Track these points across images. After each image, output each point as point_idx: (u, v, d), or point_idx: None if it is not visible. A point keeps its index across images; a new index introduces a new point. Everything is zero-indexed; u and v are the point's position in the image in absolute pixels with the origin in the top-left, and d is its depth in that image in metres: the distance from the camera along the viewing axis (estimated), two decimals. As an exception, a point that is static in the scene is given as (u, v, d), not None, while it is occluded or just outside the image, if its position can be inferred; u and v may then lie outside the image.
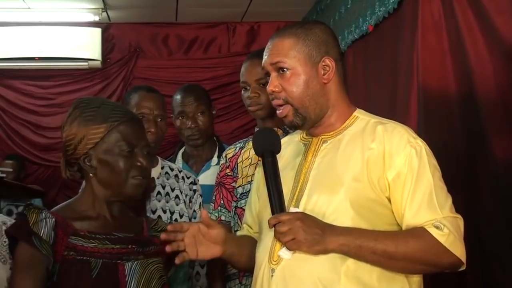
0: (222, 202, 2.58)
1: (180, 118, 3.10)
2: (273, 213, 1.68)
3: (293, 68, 1.77)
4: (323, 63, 1.79)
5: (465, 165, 2.62)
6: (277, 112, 1.82)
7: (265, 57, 1.82)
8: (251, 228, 1.98)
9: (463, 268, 1.70)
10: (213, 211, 2.60)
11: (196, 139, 3.10)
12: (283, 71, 1.77)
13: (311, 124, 1.81)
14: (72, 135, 1.80)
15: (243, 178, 2.52)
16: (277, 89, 1.78)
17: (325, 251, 1.64)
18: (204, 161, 3.12)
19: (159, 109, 2.55)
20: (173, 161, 3.21)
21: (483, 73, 2.52)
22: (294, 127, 1.84)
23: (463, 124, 2.66)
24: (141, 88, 2.66)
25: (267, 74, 1.83)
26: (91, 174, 1.81)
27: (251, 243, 1.90)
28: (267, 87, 1.81)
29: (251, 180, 2.33)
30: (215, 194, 2.63)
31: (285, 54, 1.77)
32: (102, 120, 1.78)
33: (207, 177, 3.03)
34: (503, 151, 2.41)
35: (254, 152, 2.53)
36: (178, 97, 3.14)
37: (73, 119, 1.81)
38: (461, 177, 2.48)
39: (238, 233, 2.03)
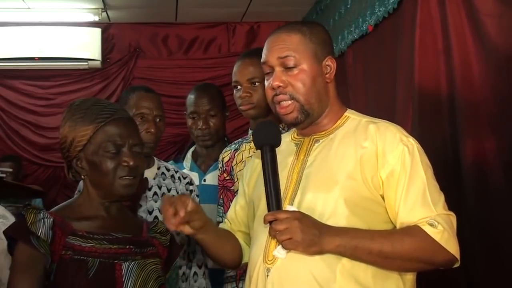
0: (230, 204, 2.59)
1: (192, 117, 3.09)
2: (269, 209, 1.67)
3: (301, 64, 1.76)
4: (326, 63, 1.79)
5: (450, 166, 2.64)
6: (278, 108, 1.79)
7: (268, 51, 1.79)
8: (230, 223, 1.98)
9: (457, 264, 1.71)
10: (223, 214, 2.61)
11: (206, 140, 3.08)
12: (290, 66, 1.76)
13: (312, 121, 1.80)
14: (64, 138, 1.81)
15: (238, 182, 2.52)
16: (282, 84, 1.76)
17: (321, 252, 1.63)
18: (212, 160, 3.10)
19: (158, 109, 2.55)
20: (183, 159, 3.22)
21: (469, 75, 2.55)
22: (295, 124, 1.83)
23: (450, 125, 2.69)
24: (139, 88, 2.65)
25: (270, 69, 1.80)
26: (82, 176, 1.82)
27: (230, 238, 1.90)
28: (270, 81, 1.78)
29: None
30: (222, 197, 2.64)
31: (294, 49, 1.76)
32: (89, 121, 1.78)
33: (215, 177, 3.02)
34: (474, 151, 2.45)
35: (246, 155, 2.56)
36: (192, 96, 3.11)
37: (65, 122, 1.82)
38: (446, 178, 2.50)
39: (220, 225, 2.02)
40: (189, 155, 3.21)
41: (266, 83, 1.83)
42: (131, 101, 2.55)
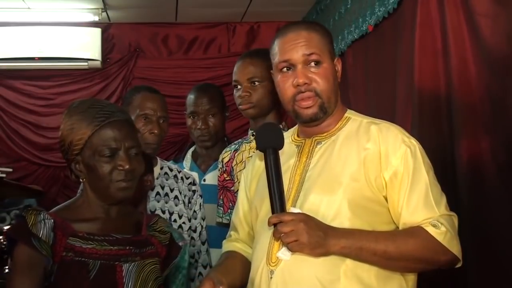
0: (230, 204, 2.59)
1: (192, 117, 3.09)
2: (273, 212, 1.67)
3: (324, 61, 1.78)
4: (336, 63, 1.84)
5: (449, 166, 2.64)
6: (299, 103, 1.79)
7: (290, 48, 1.78)
8: (237, 231, 1.97)
9: (459, 264, 1.73)
10: (223, 215, 2.62)
11: (205, 141, 3.08)
12: (315, 63, 1.77)
13: (325, 119, 1.81)
14: (62, 140, 1.82)
15: (239, 182, 2.52)
16: (308, 81, 1.77)
17: (326, 254, 1.64)
18: (212, 160, 3.10)
19: (162, 110, 2.55)
20: (183, 159, 3.21)
21: (466, 76, 2.56)
22: (311, 120, 1.82)
23: (449, 125, 2.69)
24: (144, 89, 2.64)
25: (289, 66, 1.79)
26: (81, 180, 1.82)
27: (240, 261, 1.90)
28: (295, 78, 1.77)
29: None
30: (221, 198, 2.64)
31: (315, 46, 1.78)
32: (85, 125, 1.77)
33: (215, 177, 3.03)
34: (470, 150, 2.45)
35: (246, 155, 2.56)
36: (192, 96, 3.12)
37: (63, 124, 1.82)
38: (445, 177, 2.51)
39: (225, 245, 2.00)
40: (189, 155, 3.22)
41: (281, 80, 1.81)
42: (135, 101, 2.55)
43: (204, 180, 3.06)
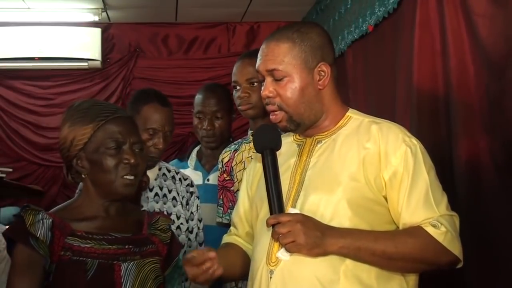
0: (230, 204, 2.59)
1: (198, 117, 3.08)
2: (271, 212, 1.67)
3: (289, 75, 1.75)
4: (319, 69, 1.78)
5: (447, 165, 2.65)
6: (271, 117, 1.81)
7: (259, 61, 1.80)
8: (237, 229, 1.97)
9: (460, 265, 1.72)
10: (223, 215, 2.62)
11: (210, 142, 3.08)
12: (278, 78, 1.76)
13: (304, 128, 1.81)
14: (63, 138, 1.82)
15: (238, 182, 2.53)
16: (271, 95, 1.77)
17: (324, 254, 1.64)
18: (216, 160, 3.10)
19: (169, 124, 2.50)
20: (187, 158, 3.21)
21: (465, 76, 2.56)
22: (287, 131, 1.84)
23: (447, 125, 2.69)
24: (154, 99, 2.51)
25: (262, 78, 1.81)
26: (83, 176, 1.82)
27: (239, 252, 1.91)
28: (261, 91, 1.80)
29: None
30: (221, 198, 2.64)
31: (280, 61, 1.75)
32: (89, 120, 1.79)
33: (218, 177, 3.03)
34: (468, 150, 2.46)
35: (246, 155, 2.57)
36: (200, 96, 3.10)
37: (64, 123, 1.82)
38: (444, 177, 2.51)
39: (225, 238, 2.01)
40: (194, 154, 3.22)
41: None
42: (143, 112, 2.47)
43: (208, 180, 3.06)
